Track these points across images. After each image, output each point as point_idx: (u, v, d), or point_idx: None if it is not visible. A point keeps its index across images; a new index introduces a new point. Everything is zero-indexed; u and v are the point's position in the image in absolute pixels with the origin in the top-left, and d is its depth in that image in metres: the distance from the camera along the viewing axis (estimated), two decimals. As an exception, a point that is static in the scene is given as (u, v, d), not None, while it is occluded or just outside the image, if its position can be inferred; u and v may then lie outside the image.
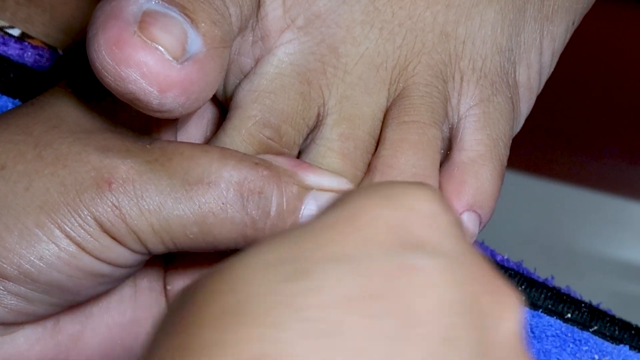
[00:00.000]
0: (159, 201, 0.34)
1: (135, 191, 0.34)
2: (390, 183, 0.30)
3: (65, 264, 0.34)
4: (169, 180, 0.34)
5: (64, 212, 0.34)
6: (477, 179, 0.37)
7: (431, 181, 0.37)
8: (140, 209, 0.34)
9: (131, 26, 0.32)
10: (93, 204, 0.34)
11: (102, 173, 0.34)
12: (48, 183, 0.34)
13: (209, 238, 0.34)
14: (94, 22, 0.33)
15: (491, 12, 0.39)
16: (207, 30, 0.34)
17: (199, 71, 0.33)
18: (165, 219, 0.34)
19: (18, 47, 0.45)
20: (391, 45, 0.39)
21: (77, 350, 0.37)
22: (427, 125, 0.37)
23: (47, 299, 0.35)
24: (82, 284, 0.34)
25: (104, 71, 0.32)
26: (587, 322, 0.45)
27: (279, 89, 0.38)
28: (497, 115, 0.39)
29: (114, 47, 0.32)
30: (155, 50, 0.32)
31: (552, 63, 0.43)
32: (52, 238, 0.34)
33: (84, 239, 0.34)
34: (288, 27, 0.38)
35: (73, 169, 0.34)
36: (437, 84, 0.38)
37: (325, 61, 0.38)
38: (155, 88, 0.32)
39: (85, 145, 0.35)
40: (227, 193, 0.34)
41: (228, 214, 0.34)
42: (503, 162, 0.38)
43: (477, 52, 0.39)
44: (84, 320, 0.37)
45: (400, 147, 0.37)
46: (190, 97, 0.33)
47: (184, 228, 0.34)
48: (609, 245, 1.05)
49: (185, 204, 0.34)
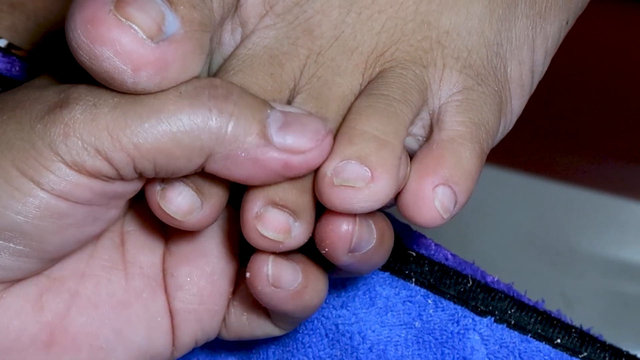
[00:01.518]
0: (113, 103, 0.34)
1: (87, 102, 0.34)
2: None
3: (20, 203, 0.34)
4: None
5: (18, 147, 0.34)
6: (455, 155, 0.37)
7: (391, 147, 0.36)
8: (95, 117, 0.33)
9: (107, 5, 0.32)
10: (46, 131, 0.33)
11: (56, 102, 0.34)
12: (4, 125, 0.34)
13: (172, 129, 0.34)
14: (73, 3, 0.33)
15: (478, 5, 0.39)
16: (186, 13, 0.34)
17: (174, 52, 0.33)
18: (122, 117, 0.33)
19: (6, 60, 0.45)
20: (369, 31, 0.38)
21: (62, 328, 0.37)
22: (395, 99, 0.37)
23: (13, 248, 0.34)
24: (43, 228, 0.34)
25: (79, 50, 0.33)
26: (577, 347, 0.45)
27: (247, 67, 0.38)
28: (481, 103, 0.38)
29: (89, 25, 0.32)
30: (129, 29, 0.32)
31: (546, 61, 0.42)
32: (7, 178, 0.33)
33: (38, 171, 0.33)
34: (267, 13, 0.39)
35: (29, 109, 0.34)
36: (415, 69, 0.38)
37: (299, 44, 0.38)
38: (129, 66, 0.33)
39: (44, 91, 0.35)
40: (186, 85, 0.34)
41: (189, 101, 0.34)
42: (484, 148, 0.38)
43: (463, 43, 0.39)
44: (68, 298, 0.37)
45: (366, 112, 0.37)
46: (165, 77, 0.33)
47: (143, 122, 0.33)
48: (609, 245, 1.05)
49: (142, 98, 0.34)
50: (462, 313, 0.45)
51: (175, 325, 0.39)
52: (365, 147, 0.35)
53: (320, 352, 0.45)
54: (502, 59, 0.40)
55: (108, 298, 0.38)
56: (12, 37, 0.46)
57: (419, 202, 0.36)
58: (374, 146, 0.35)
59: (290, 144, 0.35)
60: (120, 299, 0.38)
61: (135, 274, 0.39)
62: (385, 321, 0.45)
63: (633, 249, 1.05)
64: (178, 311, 0.39)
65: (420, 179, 0.36)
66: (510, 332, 0.44)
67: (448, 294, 0.45)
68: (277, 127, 0.35)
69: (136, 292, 0.39)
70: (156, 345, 0.39)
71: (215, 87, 0.34)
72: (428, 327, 0.45)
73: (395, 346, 0.44)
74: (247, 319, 0.40)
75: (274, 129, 0.35)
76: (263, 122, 0.35)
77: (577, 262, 1.02)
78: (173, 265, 0.39)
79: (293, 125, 0.35)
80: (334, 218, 0.36)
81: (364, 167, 0.35)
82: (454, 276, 0.45)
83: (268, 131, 0.35)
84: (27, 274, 0.36)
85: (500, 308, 0.45)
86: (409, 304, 0.45)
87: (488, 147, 0.38)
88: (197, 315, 0.39)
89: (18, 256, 0.35)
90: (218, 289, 0.39)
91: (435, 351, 0.44)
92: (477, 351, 0.44)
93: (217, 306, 0.39)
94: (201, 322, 0.39)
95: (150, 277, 0.39)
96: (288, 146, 0.35)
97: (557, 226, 1.04)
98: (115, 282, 0.38)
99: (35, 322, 0.37)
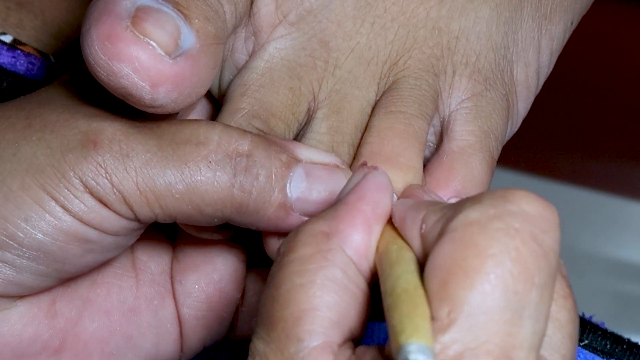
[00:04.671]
0: (145, 159, 0.34)
1: (121, 150, 0.34)
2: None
3: (50, 226, 0.34)
4: (156, 140, 0.34)
5: (49, 173, 0.34)
6: (466, 166, 0.37)
7: (415, 171, 0.36)
8: (126, 168, 0.34)
9: (124, 21, 0.32)
10: (78, 164, 0.33)
11: (89, 135, 0.34)
12: (35, 147, 0.34)
13: (195, 199, 0.34)
14: (87, 18, 0.33)
15: (486, 9, 0.39)
16: (201, 27, 0.34)
17: (191, 67, 0.33)
18: (150, 177, 0.34)
19: (10, 55, 0.45)
20: (383, 40, 0.38)
21: (74, 335, 0.37)
22: (413, 116, 0.37)
23: (35, 267, 0.34)
24: (68, 250, 0.34)
25: (96, 66, 0.32)
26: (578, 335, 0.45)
27: (268, 83, 0.38)
28: (490, 109, 0.39)
29: (107, 42, 0.32)
30: (147, 45, 0.32)
31: (551, 63, 0.42)
32: (37, 200, 0.33)
33: (68, 200, 0.34)
34: (280, 22, 0.38)
35: (60, 134, 0.34)
36: (428, 78, 0.38)
37: (316, 56, 0.38)
38: (147, 83, 0.32)
39: (74, 113, 0.35)
40: (215, 154, 0.34)
41: (215, 173, 0.34)
42: (493, 155, 0.38)
43: (471, 48, 0.39)
44: (81, 305, 0.37)
45: (387, 135, 0.37)
46: (182, 92, 0.33)
47: (170, 187, 0.34)
48: (609, 245, 1.05)
49: (172, 162, 0.34)
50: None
51: (184, 332, 0.39)
52: (393, 176, 0.35)
53: None
54: (509, 61, 0.40)
55: (119, 305, 0.38)
56: (19, 34, 0.46)
57: None
58: (400, 174, 0.36)
59: (311, 212, 0.35)
60: (131, 305, 0.38)
61: (146, 280, 0.39)
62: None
63: (633, 249, 1.05)
64: (186, 318, 0.39)
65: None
66: None
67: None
68: (298, 194, 0.35)
69: (147, 298, 0.39)
70: (165, 352, 0.39)
71: (240, 157, 0.34)
72: None
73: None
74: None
75: (295, 195, 0.35)
76: (284, 191, 0.35)
77: (577, 262, 1.02)
78: (181, 273, 0.39)
79: (314, 191, 0.35)
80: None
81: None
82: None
83: (288, 201, 0.35)
84: (43, 290, 0.36)
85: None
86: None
87: (497, 153, 0.39)
88: (205, 322, 0.39)
89: (38, 275, 0.35)
90: (226, 295, 0.39)
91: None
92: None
93: (225, 312, 0.39)
94: (209, 328, 0.39)
95: (160, 284, 0.39)
96: (308, 213, 0.35)
97: (557, 226, 1.04)
98: (126, 288, 0.38)
99: (48, 328, 0.36)
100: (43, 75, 0.46)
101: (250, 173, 0.34)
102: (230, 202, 0.34)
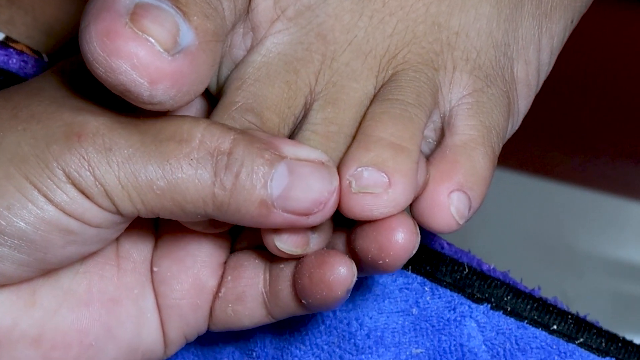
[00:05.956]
0: (127, 154, 0.34)
1: (104, 144, 0.34)
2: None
3: (32, 215, 0.34)
4: (140, 136, 0.34)
5: (33, 163, 0.34)
6: (469, 160, 0.37)
7: (409, 152, 0.36)
8: (108, 162, 0.34)
9: (123, 17, 0.32)
10: (62, 155, 0.34)
11: (73, 127, 0.34)
12: (20, 137, 0.34)
13: (177, 196, 0.34)
14: (86, 14, 0.33)
15: (486, 6, 0.39)
16: (200, 24, 0.34)
17: (190, 64, 0.33)
18: (132, 172, 0.34)
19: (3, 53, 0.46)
20: (381, 34, 0.39)
21: (53, 325, 0.37)
22: (410, 104, 0.37)
23: (17, 256, 0.34)
24: (50, 240, 0.34)
25: (95, 62, 0.33)
26: (574, 334, 0.45)
27: (264, 77, 0.38)
28: (491, 105, 0.39)
29: (105, 38, 0.32)
30: (146, 42, 0.32)
31: (551, 61, 0.43)
32: (20, 189, 0.34)
33: (51, 190, 0.34)
34: (278, 17, 0.39)
35: (45, 125, 0.34)
36: (427, 71, 0.38)
37: (313, 49, 0.38)
38: (145, 79, 0.33)
39: (60, 106, 0.35)
40: (197, 151, 0.34)
41: (196, 171, 0.34)
42: (495, 151, 0.38)
43: (472, 44, 0.39)
44: (61, 295, 0.37)
45: (381, 118, 0.37)
46: (181, 89, 0.33)
47: (151, 183, 0.34)
48: (609, 245, 1.04)
49: (154, 158, 0.34)
50: (458, 300, 0.45)
51: (163, 321, 0.39)
52: (382, 154, 0.36)
53: (317, 339, 0.45)
54: (510, 59, 0.40)
55: (99, 295, 0.38)
56: (10, 31, 0.46)
57: (435, 209, 0.37)
58: (391, 152, 0.36)
59: (293, 209, 0.35)
60: (112, 296, 0.38)
61: (128, 269, 0.39)
62: (383, 308, 0.45)
63: (633, 248, 1.05)
64: (162, 306, 0.39)
65: (435, 186, 0.37)
66: (507, 319, 0.44)
67: (444, 281, 0.45)
68: (279, 191, 0.35)
69: (127, 288, 0.39)
70: (147, 342, 0.39)
71: (221, 155, 0.34)
72: (425, 314, 0.45)
73: (392, 333, 0.44)
74: (232, 311, 0.39)
75: (276, 193, 0.35)
76: (265, 189, 0.35)
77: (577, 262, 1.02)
78: (157, 259, 0.39)
79: (297, 188, 0.35)
80: (394, 229, 0.36)
81: (381, 173, 0.35)
82: (450, 264, 0.45)
83: (270, 198, 0.35)
84: (24, 280, 0.36)
85: (497, 295, 0.45)
86: (406, 291, 0.45)
87: (498, 149, 0.39)
88: (179, 310, 0.39)
89: (20, 265, 0.35)
90: (200, 282, 0.39)
91: (432, 338, 0.44)
92: (474, 338, 0.44)
93: (199, 300, 0.39)
94: (185, 317, 0.39)
95: (141, 273, 0.39)
96: (291, 211, 0.35)
97: (557, 226, 1.04)
98: (107, 278, 0.38)
99: (26, 317, 0.37)
100: (36, 74, 0.46)
101: (230, 171, 0.34)
102: (212, 200, 0.34)
